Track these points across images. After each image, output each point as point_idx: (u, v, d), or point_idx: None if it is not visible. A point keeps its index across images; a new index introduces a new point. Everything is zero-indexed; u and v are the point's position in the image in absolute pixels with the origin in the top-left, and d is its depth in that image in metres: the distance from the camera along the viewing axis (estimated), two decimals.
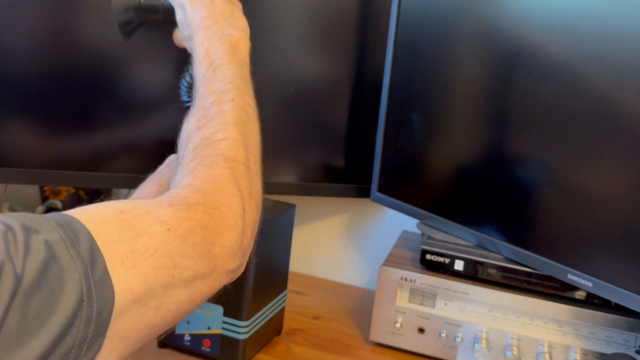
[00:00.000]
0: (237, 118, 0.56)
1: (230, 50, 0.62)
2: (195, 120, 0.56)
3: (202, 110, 0.56)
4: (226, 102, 0.57)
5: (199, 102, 0.58)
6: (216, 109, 0.56)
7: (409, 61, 0.84)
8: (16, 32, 0.78)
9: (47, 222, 0.37)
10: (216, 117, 0.55)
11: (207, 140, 0.53)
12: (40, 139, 0.82)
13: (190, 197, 0.47)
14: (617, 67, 0.62)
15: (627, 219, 0.63)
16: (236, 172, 0.52)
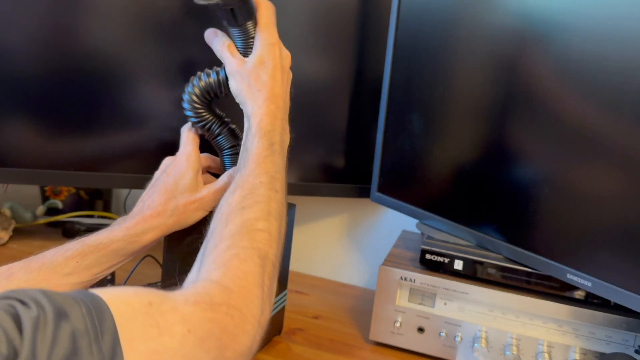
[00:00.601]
0: (278, 211, 0.57)
1: (284, 144, 0.65)
2: (241, 197, 0.56)
3: (250, 187, 0.57)
4: (273, 190, 0.58)
5: (247, 175, 0.58)
6: (263, 193, 0.57)
7: (408, 61, 0.84)
8: (17, 32, 0.78)
9: (77, 307, 0.37)
10: (261, 202, 0.56)
11: (247, 227, 0.53)
12: (41, 139, 0.83)
13: (216, 296, 0.47)
14: (617, 66, 0.62)
15: (626, 219, 0.63)
16: (265, 270, 0.52)
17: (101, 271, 0.64)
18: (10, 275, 0.58)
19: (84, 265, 0.62)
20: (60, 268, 0.60)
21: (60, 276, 0.60)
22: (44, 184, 1.10)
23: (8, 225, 1.04)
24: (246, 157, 0.61)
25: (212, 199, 0.68)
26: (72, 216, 1.08)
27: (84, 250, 0.62)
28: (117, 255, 0.64)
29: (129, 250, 0.65)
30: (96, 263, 0.63)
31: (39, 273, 0.59)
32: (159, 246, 0.78)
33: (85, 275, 0.62)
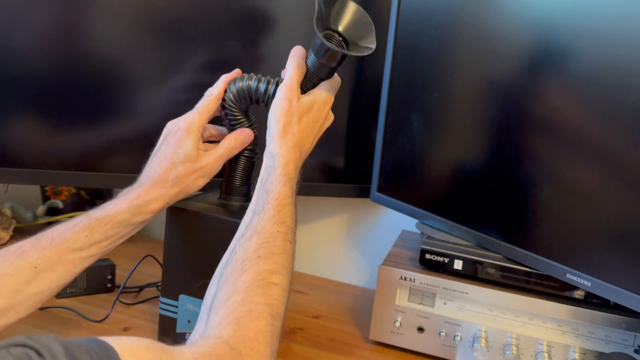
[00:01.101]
0: (290, 264, 0.57)
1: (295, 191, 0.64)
2: (258, 244, 0.55)
3: (267, 236, 0.56)
4: (288, 241, 0.58)
5: (265, 221, 0.58)
6: (280, 245, 0.56)
7: (408, 62, 0.84)
8: (18, 34, 0.79)
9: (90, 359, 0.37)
10: (277, 254, 0.55)
11: (262, 279, 0.53)
12: (42, 139, 0.83)
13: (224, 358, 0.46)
14: (617, 66, 0.62)
15: (626, 219, 0.63)
16: (274, 329, 0.51)
17: (110, 244, 0.64)
18: (22, 254, 0.59)
19: (93, 239, 0.62)
20: (71, 243, 0.61)
21: (71, 251, 0.61)
22: (45, 184, 1.10)
23: (9, 225, 1.04)
24: (266, 200, 0.60)
25: (213, 166, 0.68)
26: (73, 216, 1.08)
27: (91, 224, 0.62)
28: (123, 227, 0.64)
29: (135, 221, 0.65)
30: (104, 236, 0.63)
31: (50, 249, 0.60)
32: (159, 246, 0.78)
33: (94, 248, 0.63)
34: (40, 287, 0.59)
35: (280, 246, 0.56)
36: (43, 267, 0.59)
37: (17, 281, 0.57)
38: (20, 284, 0.57)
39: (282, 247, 0.56)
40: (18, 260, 0.58)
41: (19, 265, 0.58)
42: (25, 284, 0.58)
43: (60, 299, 0.85)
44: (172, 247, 0.72)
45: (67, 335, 0.76)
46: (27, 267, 0.58)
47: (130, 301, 0.87)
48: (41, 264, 0.59)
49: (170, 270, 0.73)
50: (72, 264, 0.61)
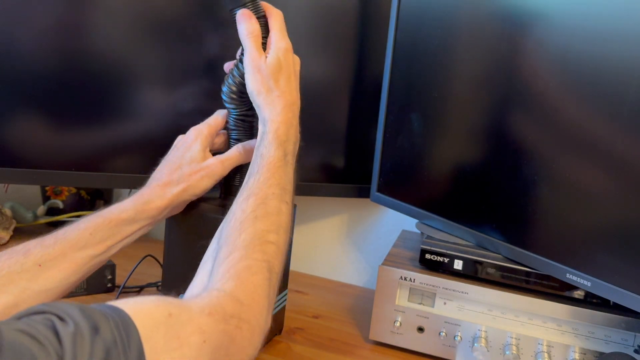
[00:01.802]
0: (287, 223, 0.59)
1: (294, 153, 0.66)
2: (255, 205, 0.58)
3: (263, 197, 0.59)
4: (284, 202, 0.60)
5: (261, 183, 0.60)
6: (275, 205, 0.59)
7: (408, 62, 0.84)
8: (19, 34, 0.79)
9: (107, 321, 0.38)
10: (273, 214, 0.58)
11: (260, 238, 0.55)
12: (42, 139, 0.83)
13: (228, 307, 0.48)
14: (617, 65, 0.62)
15: (626, 219, 0.63)
16: (271, 283, 0.55)
17: (115, 243, 0.64)
18: (27, 252, 0.59)
19: (98, 237, 0.63)
20: (75, 242, 0.61)
21: (75, 249, 0.61)
22: (45, 184, 1.10)
23: (9, 225, 1.04)
24: (260, 164, 0.62)
25: (219, 167, 0.69)
26: (73, 216, 1.08)
27: (96, 223, 0.63)
28: (127, 225, 0.65)
29: (138, 219, 0.65)
30: (108, 235, 0.63)
31: (54, 248, 0.60)
32: (159, 246, 0.78)
33: (99, 247, 0.63)
34: (45, 285, 0.59)
35: (276, 206, 0.58)
36: (47, 265, 0.59)
37: (22, 278, 0.58)
38: (25, 281, 0.58)
39: (277, 207, 0.59)
40: (23, 258, 0.59)
41: (24, 263, 0.58)
42: (29, 282, 0.58)
43: (60, 298, 0.85)
44: (172, 247, 0.72)
45: None
46: (31, 264, 0.58)
47: None
48: (45, 262, 0.59)
49: (170, 270, 0.73)
50: (76, 262, 0.61)
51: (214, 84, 0.86)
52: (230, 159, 0.70)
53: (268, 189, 0.59)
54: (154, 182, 0.67)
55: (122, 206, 0.65)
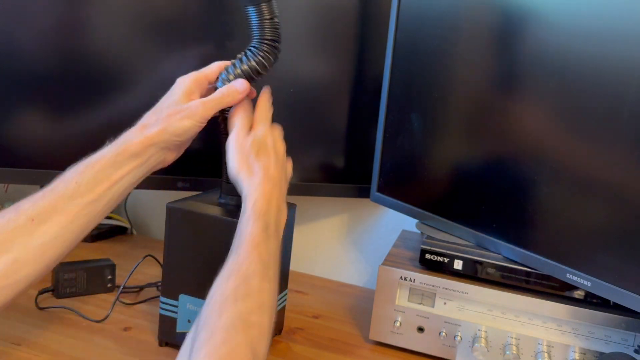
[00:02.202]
0: (270, 302, 0.56)
1: (280, 224, 0.64)
2: (235, 285, 0.55)
3: (243, 276, 0.56)
4: (266, 279, 0.57)
5: (241, 261, 0.57)
6: (257, 284, 0.56)
7: (408, 62, 0.84)
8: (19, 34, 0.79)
9: None
10: (254, 294, 0.55)
11: (241, 320, 0.53)
12: (42, 140, 0.83)
13: None
14: (617, 65, 0.62)
15: (626, 218, 0.63)
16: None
17: (105, 189, 0.63)
18: (17, 209, 0.59)
19: (84, 185, 0.62)
20: (63, 193, 0.61)
21: (65, 200, 0.61)
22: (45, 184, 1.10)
23: None
24: (240, 241, 0.60)
25: (200, 107, 0.66)
26: None
27: (80, 171, 0.62)
28: (112, 168, 0.63)
29: (121, 161, 0.64)
30: (95, 181, 0.62)
31: (44, 201, 0.60)
32: (159, 246, 0.78)
33: (90, 195, 0.62)
34: (42, 238, 0.59)
35: (257, 285, 0.56)
36: (40, 218, 0.59)
37: (17, 235, 0.58)
38: (21, 237, 0.58)
39: (259, 286, 0.56)
40: (15, 215, 0.59)
41: (17, 220, 0.58)
42: (26, 237, 0.58)
43: (61, 298, 0.85)
44: (172, 247, 0.72)
45: (67, 335, 0.76)
46: (24, 220, 0.59)
47: (130, 301, 0.87)
48: (37, 216, 0.59)
49: (171, 270, 0.73)
50: (69, 213, 0.61)
51: None
52: (213, 99, 0.67)
53: (249, 267, 0.57)
54: (136, 126, 0.66)
55: (102, 151, 0.64)
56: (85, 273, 0.87)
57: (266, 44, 0.68)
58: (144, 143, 0.65)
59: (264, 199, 0.63)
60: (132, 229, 1.19)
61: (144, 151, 0.65)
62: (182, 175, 0.89)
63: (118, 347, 0.74)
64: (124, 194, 0.65)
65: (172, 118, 0.66)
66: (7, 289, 0.57)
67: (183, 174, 0.89)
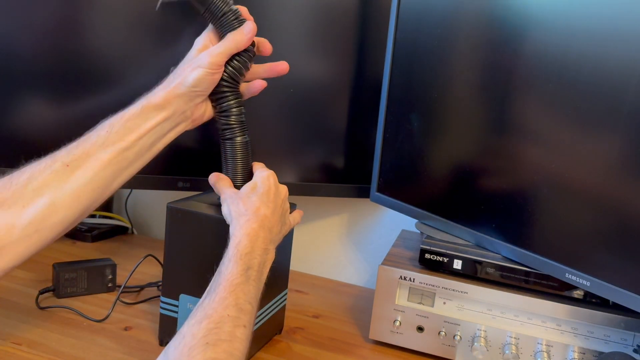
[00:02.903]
0: (241, 351, 0.55)
1: (263, 266, 0.64)
2: (207, 329, 0.54)
3: (217, 320, 0.55)
4: (240, 326, 0.56)
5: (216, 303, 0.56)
6: (229, 331, 0.55)
7: (408, 62, 0.84)
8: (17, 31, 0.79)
9: None
10: (225, 341, 0.54)
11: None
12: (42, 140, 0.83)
13: None
14: (616, 66, 0.62)
15: (625, 218, 0.63)
16: None
17: (134, 139, 0.66)
18: (54, 157, 0.63)
19: (114, 134, 0.64)
20: (95, 141, 0.64)
21: (97, 147, 0.64)
22: None
23: None
24: (217, 282, 0.59)
25: (207, 56, 0.68)
26: None
27: (111, 122, 0.65)
28: (139, 119, 0.66)
29: (148, 113, 0.66)
30: (126, 130, 0.65)
31: (78, 149, 0.63)
32: (159, 246, 0.78)
33: (121, 143, 0.65)
34: (77, 182, 0.62)
35: (229, 332, 0.54)
36: (74, 164, 0.62)
37: (53, 179, 0.61)
38: (56, 181, 0.61)
39: (231, 333, 0.54)
40: (51, 162, 0.62)
41: (52, 166, 0.61)
42: (61, 182, 0.61)
43: (61, 298, 0.85)
44: (172, 247, 0.72)
45: (68, 334, 0.76)
46: (59, 165, 0.62)
47: (131, 301, 0.87)
48: (72, 162, 0.62)
49: (171, 269, 0.73)
50: (102, 160, 0.63)
51: None
52: (219, 45, 0.69)
53: (223, 311, 0.56)
54: (159, 84, 0.69)
55: (130, 106, 0.67)
56: (86, 273, 0.87)
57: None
58: (165, 97, 0.67)
59: (249, 239, 0.63)
60: (133, 228, 1.19)
61: (168, 104, 0.67)
62: (182, 175, 0.89)
63: (118, 347, 0.74)
64: (153, 147, 0.68)
65: (186, 71, 0.68)
66: (43, 232, 0.60)
67: (183, 174, 0.89)
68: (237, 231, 0.64)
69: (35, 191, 0.60)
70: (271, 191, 0.69)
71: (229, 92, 0.71)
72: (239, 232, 0.63)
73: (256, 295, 0.61)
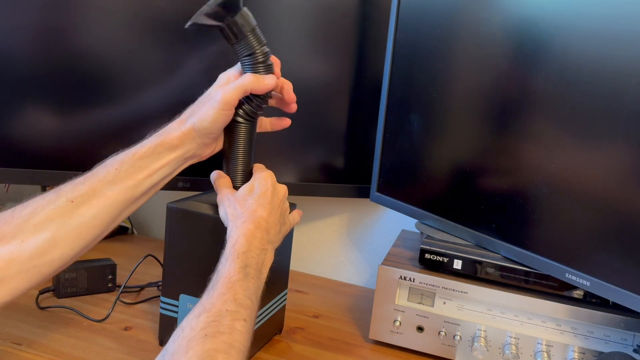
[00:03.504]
0: (241, 343, 0.55)
1: (262, 266, 0.64)
2: (205, 322, 0.54)
3: (215, 313, 0.55)
4: (239, 319, 0.56)
5: (215, 299, 0.56)
6: (228, 324, 0.55)
7: (408, 62, 0.84)
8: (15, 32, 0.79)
9: None
10: (225, 333, 0.54)
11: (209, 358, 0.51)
12: (42, 140, 0.83)
13: None
14: (616, 66, 0.62)
15: (625, 218, 0.63)
16: None
17: (145, 177, 0.66)
18: (58, 192, 0.62)
19: (124, 172, 0.64)
20: (103, 177, 0.63)
21: (104, 185, 0.63)
22: (45, 184, 1.10)
23: None
24: (216, 279, 0.59)
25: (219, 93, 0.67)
26: None
27: (121, 159, 0.65)
28: (151, 158, 0.66)
29: (160, 152, 0.66)
30: (135, 169, 0.65)
31: (84, 185, 0.62)
32: (159, 246, 0.78)
33: (128, 181, 0.64)
34: (80, 219, 0.61)
35: (228, 325, 0.54)
36: (79, 200, 0.61)
37: (57, 215, 0.60)
38: (60, 217, 0.60)
39: (230, 326, 0.54)
40: (55, 197, 0.61)
41: (56, 201, 0.61)
42: (64, 218, 0.60)
43: (61, 298, 0.85)
44: (172, 247, 0.72)
45: (68, 334, 0.76)
46: (64, 201, 0.61)
47: (131, 301, 0.87)
48: (77, 198, 0.61)
49: (171, 269, 0.73)
50: (107, 197, 0.63)
51: None
52: (235, 83, 0.68)
53: (222, 305, 0.56)
54: (176, 119, 0.69)
55: (143, 142, 0.67)
56: (86, 273, 0.87)
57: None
58: (180, 137, 0.67)
59: (245, 239, 0.63)
60: (133, 228, 1.19)
61: (182, 144, 0.67)
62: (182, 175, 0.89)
63: (118, 347, 0.74)
64: (160, 184, 0.68)
65: (202, 109, 0.68)
66: (41, 267, 0.59)
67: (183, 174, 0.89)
68: (234, 232, 0.64)
69: (37, 226, 0.59)
70: (268, 192, 0.69)
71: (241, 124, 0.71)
72: (235, 233, 0.64)
73: (256, 292, 0.61)
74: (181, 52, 0.84)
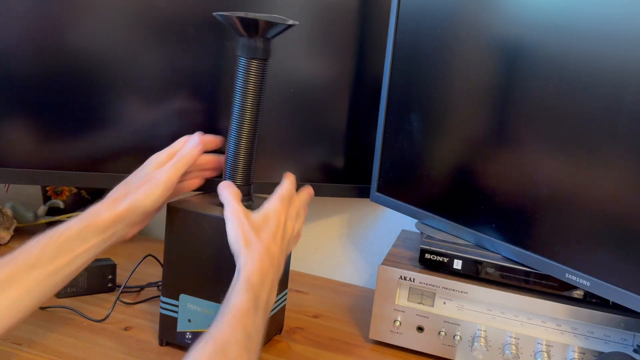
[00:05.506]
0: None
1: (270, 303, 0.63)
2: (212, 351, 0.52)
3: (223, 343, 0.54)
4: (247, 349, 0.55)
5: (222, 328, 0.55)
6: (236, 351, 0.53)
7: (408, 62, 0.84)
8: (15, 32, 0.79)
9: None
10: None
11: None
12: (42, 140, 0.83)
13: None
14: (615, 66, 0.62)
15: (625, 218, 0.63)
16: None
17: (66, 262, 0.62)
18: None
19: (46, 256, 0.61)
20: (23, 262, 0.60)
21: (24, 271, 0.59)
22: (46, 184, 1.10)
23: (10, 225, 1.04)
24: (225, 310, 0.57)
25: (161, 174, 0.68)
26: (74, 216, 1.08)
27: (44, 242, 0.62)
28: (77, 241, 0.63)
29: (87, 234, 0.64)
30: (58, 253, 0.61)
31: (3, 270, 0.58)
32: (159, 246, 0.78)
33: (49, 267, 0.61)
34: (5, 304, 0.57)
35: (236, 354, 0.53)
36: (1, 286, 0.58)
37: None
38: None
39: (238, 354, 0.53)
40: None
41: None
42: None
43: (61, 298, 0.85)
44: (172, 246, 0.72)
45: (68, 334, 0.76)
46: None
47: (130, 301, 0.87)
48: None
49: (171, 269, 0.73)
50: (26, 284, 0.59)
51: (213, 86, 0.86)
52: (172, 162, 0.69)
53: (230, 335, 0.54)
54: (106, 199, 0.67)
55: (70, 222, 0.64)
56: (85, 273, 0.87)
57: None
58: (111, 219, 0.65)
59: (260, 274, 0.61)
60: None
61: (110, 227, 0.65)
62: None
63: (118, 347, 0.74)
64: (82, 267, 0.64)
65: (139, 191, 0.66)
66: None
67: None
68: (249, 264, 0.61)
69: None
70: (280, 228, 0.67)
71: None
72: (250, 264, 0.61)
73: (262, 327, 0.60)
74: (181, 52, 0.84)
